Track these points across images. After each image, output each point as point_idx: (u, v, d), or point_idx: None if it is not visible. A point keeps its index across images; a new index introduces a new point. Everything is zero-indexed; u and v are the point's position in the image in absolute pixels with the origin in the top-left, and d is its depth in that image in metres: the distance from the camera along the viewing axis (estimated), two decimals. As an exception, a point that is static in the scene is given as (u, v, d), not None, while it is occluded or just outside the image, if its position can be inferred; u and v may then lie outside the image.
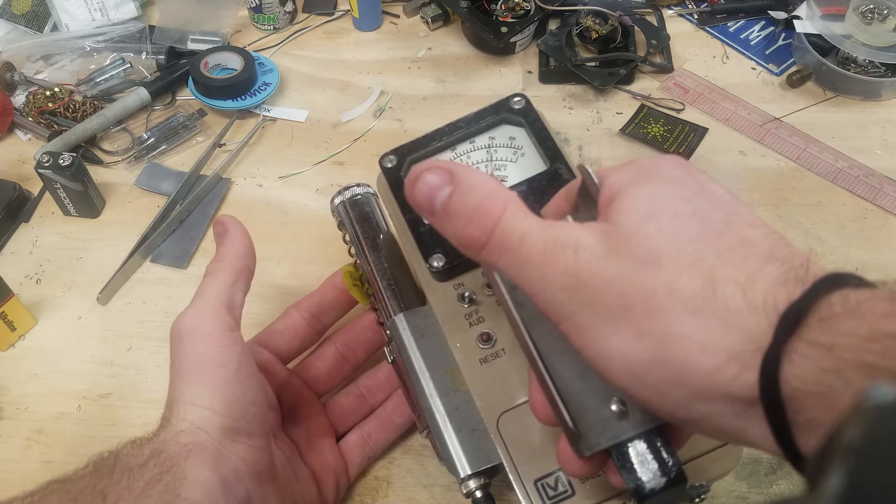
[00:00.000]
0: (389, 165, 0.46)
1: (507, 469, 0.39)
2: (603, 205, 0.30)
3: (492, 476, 0.43)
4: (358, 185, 0.53)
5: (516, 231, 0.29)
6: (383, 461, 0.52)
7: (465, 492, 0.43)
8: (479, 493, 0.42)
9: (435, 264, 0.43)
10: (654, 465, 0.31)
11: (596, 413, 0.31)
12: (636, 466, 0.31)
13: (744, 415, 0.26)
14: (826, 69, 0.73)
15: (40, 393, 0.56)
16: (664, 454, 0.31)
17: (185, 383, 0.40)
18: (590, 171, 0.31)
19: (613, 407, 0.31)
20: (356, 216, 0.52)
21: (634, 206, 0.28)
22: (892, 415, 0.19)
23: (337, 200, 0.53)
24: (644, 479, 0.31)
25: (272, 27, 0.81)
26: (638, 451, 0.31)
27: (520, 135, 0.48)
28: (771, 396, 0.24)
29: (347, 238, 0.52)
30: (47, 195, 0.66)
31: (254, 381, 0.42)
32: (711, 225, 0.28)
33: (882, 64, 0.73)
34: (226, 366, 0.41)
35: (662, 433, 0.31)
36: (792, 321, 0.24)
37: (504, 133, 0.48)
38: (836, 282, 0.25)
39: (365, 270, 0.51)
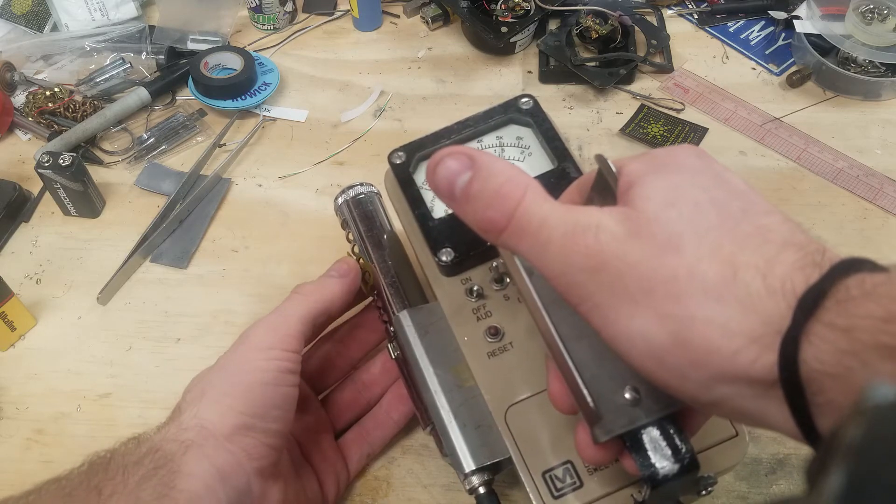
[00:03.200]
0: (398, 162, 0.47)
1: (515, 461, 0.39)
2: (621, 192, 0.30)
3: (495, 472, 0.43)
4: (361, 184, 0.54)
5: (536, 215, 0.29)
6: (383, 461, 0.52)
7: (468, 488, 0.43)
8: (482, 490, 0.42)
9: (444, 258, 0.43)
10: (668, 452, 0.31)
11: (610, 400, 0.31)
12: (650, 453, 0.31)
13: (764, 397, 0.26)
14: (826, 69, 0.73)
15: (40, 393, 0.56)
16: (677, 441, 0.31)
17: (219, 379, 0.42)
18: (608, 160, 0.32)
19: (627, 395, 0.31)
20: (359, 215, 0.52)
21: (654, 193, 0.29)
22: (892, 415, 0.19)
23: (340, 200, 0.53)
24: (658, 465, 0.31)
25: (272, 27, 0.81)
26: (651, 438, 0.31)
27: (527, 135, 0.48)
28: (790, 378, 0.25)
29: (351, 237, 0.53)
30: (47, 195, 0.66)
31: (289, 391, 0.43)
32: (729, 212, 0.28)
33: (882, 64, 0.73)
34: (267, 371, 0.42)
35: (675, 420, 0.32)
36: (810, 304, 0.25)
37: (512, 133, 0.48)
38: (853, 266, 0.26)
39: (368, 269, 0.51)
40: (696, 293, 0.26)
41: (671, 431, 0.31)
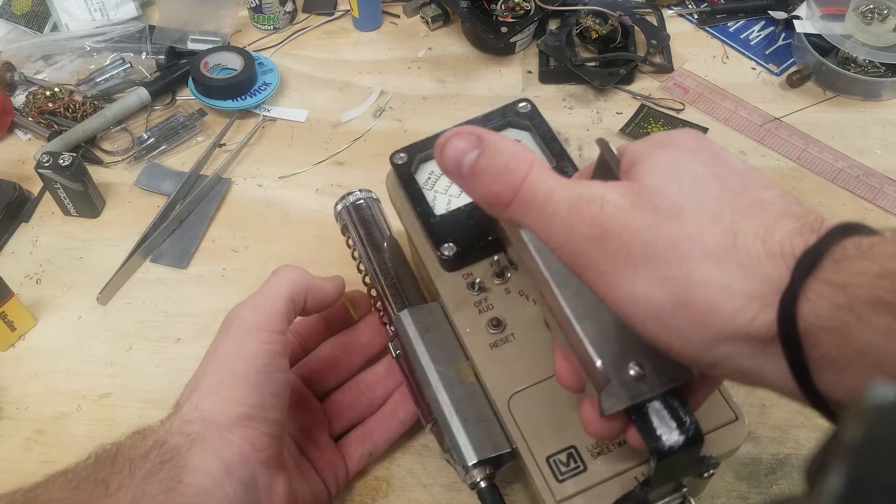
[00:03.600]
0: (400, 162, 0.48)
1: (519, 446, 0.40)
2: (624, 171, 0.31)
3: (496, 467, 0.44)
4: (360, 190, 0.55)
5: (542, 188, 0.31)
6: (383, 461, 0.52)
7: (470, 482, 0.43)
8: (483, 484, 0.43)
9: (446, 253, 0.44)
10: (673, 424, 0.32)
11: (615, 375, 0.32)
12: (655, 425, 0.32)
13: (762, 354, 0.27)
14: (826, 69, 0.73)
15: (40, 393, 0.56)
16: (682, 414, 0.32)
17: (213, 369, 0.42)
18: (609, 144, 0.33)
19: (632, 371, 0.32)
20: (359, 220, 0.54)
21: (656, 168, 0.30)
22: (892, 415, 0.19)
23: (340, 206, 0.55)
24: (664, 437, 0.32)
25: (272, 27, 0.81)
26: (656, 411, 0.32)
27: (525, 138, 0.49)
28: (789, 332, 0.26)
29: (351, 242, 0.54)
30: (47, 195, 0.66)
31: (282, 376, 0.43)
32: (729, 186, 0.29)
33: (882, 64, 0.73)
34: (258, 357, 0.42)
35: (679, 395, 0.33)
36: (808, 263, 0.26)
37: (510, 136, 0.49)
38: (849, 230, 0.27)
39: (369, 271, 0.52)
40: (697, 257, 0.27)
41: (675, 405, 0.32)
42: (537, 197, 0.31)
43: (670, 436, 0.32)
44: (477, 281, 0.45)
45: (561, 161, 0.47)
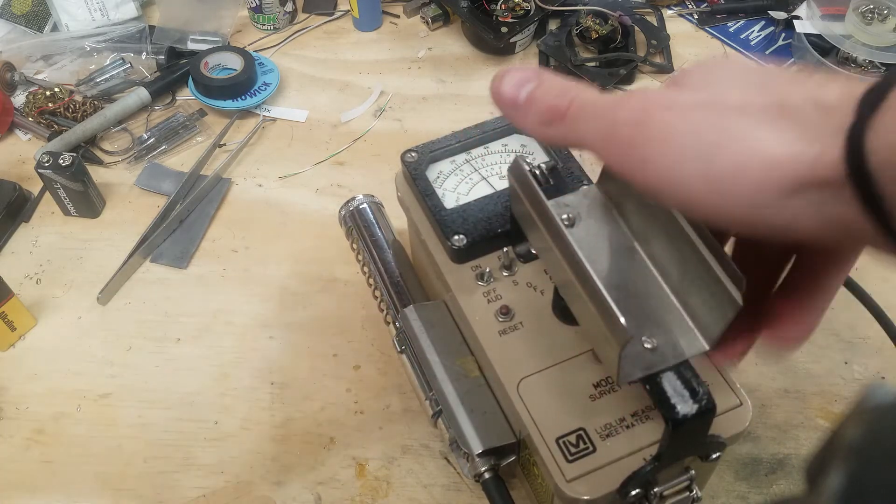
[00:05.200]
0: (410, 160, 0.50)
1: (529, 428, 0.41)
2: None
3: (500, 460, 0.45)
4: (363, 195, 0.58)
5: (591, 97, 0.32)
6: (383, 461, 0.52)
7: (474, 473, 0.44)
8: (488, 475, 0.44)
9: (456, 244, 0.45)
10: (686, 394, 0.33)
11: (630, 348, 0.33)
12: (669, 395, 0.33)
13: (834, 199, 0.26)
14: (826, 69, 0.73)
15: (40, 393, 0.56)
16: (694, 384, 0.34)
17: None
18: None
19: (646, 344, 0.34)
20: (363, 223, 0.57)
21: (695, 71, 0.31)
22: (892, 415, 0.19)
23: (344, 211, 0.58)
24: (678, 406, 0.33)
25: (272, 27, 0.81)
26: (670, 381, 0.34)
27: (530, 142, 0.51)
28: (858, 166, 0.24)
29: (355, 245, 0.56)
30: (47, 195, 0.66)
31: None
32: (769, 70, 0.30)
33: (882, 64, 0.73)
34: None
35: (691, 366, 0.34)
36: (875, 97, 0.25)
37: (516, 141, 0.51)
38: None
39: (373, 272, 0.55)
40: (751, 121, 0.27)
41: (688, 376, 0.34)
42: (587, 103, 0.32)
43: (684, 405, 0.33)
44: (486, 271, 0.46)
45: (567, 163, 0.48)
